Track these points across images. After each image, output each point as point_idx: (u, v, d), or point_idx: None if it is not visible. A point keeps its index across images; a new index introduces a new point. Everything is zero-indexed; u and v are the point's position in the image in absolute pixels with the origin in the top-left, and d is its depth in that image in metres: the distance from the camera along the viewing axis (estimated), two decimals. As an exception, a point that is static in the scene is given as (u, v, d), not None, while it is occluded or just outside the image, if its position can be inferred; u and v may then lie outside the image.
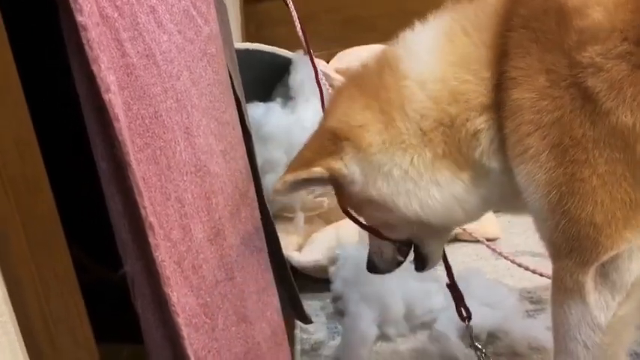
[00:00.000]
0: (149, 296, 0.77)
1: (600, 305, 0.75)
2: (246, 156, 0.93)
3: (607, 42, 0.69)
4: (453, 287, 1.04)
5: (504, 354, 1.15)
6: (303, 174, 0.83)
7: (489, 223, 1.65)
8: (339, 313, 1.33)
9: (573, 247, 0.75)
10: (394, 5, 2.09)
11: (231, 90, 0.91)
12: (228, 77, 0.90)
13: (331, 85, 1.54)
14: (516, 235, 1.60)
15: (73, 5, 0.60)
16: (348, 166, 0.83)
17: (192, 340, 0.82)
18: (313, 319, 1.33)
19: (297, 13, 1.44)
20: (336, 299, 1.35)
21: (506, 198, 0.84)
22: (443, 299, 1.25)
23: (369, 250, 1.02)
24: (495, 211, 1.66)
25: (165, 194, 0.78)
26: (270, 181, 1.43)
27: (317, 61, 1.61)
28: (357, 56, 1.62)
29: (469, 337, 1.05)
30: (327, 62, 1.74)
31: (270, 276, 0.98)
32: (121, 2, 0.70)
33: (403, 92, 0.80)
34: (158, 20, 0.75)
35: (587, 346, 0.76)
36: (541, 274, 1.31)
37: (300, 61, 1.47)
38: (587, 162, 0.72)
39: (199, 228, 0.82)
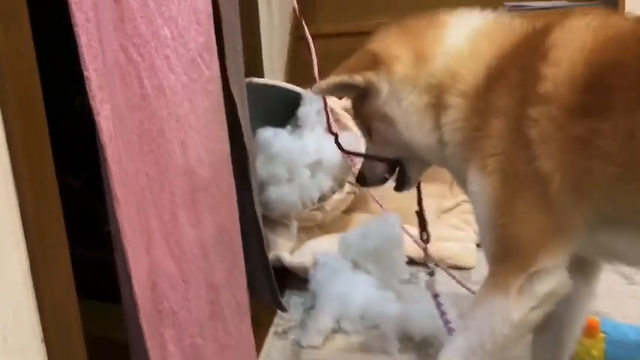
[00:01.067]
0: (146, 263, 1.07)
1: (518, 306, 0.91)
2: (231, 167, 1.22)
3: (549, 106, 0.87)
4: (419, 213, 1.26)
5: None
6: (346, 78, 1.03)
7: (467, 253, 1.86)
8: (313, 307, 1.59)
9: (506, 257, 0.93)
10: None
11: (224, 116, 1.21)
12: (223, 109, 1.20)
13: (336, 120, 1.82)
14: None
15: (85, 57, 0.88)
16: (380, 82, 1.02)
17: (169, 297, 1.12)
18: (292, 310, 1.60)
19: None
20: (312, 296, 1.61)
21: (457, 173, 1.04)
22: (395, 307, 1.49)
23: (362, 166, 1.23)
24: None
25: (161, 186, 1.08)
26: (274, 192, 1.74)
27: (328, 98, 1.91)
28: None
29: (425, 257, 1.26)
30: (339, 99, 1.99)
31: (240, 260, 1.26)
32: (144, 50, 1.02)
33: (433, 51, 1.00)
34: (169, 64, 1.06)
35: (494, 333, 0.92)
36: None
37: (307, 97, 1.77)
38: (519, 190, 0.91)
39: (184, 214, 1.12)
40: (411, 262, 1.83)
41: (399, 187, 1.20)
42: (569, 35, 0.86)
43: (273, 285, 1.56)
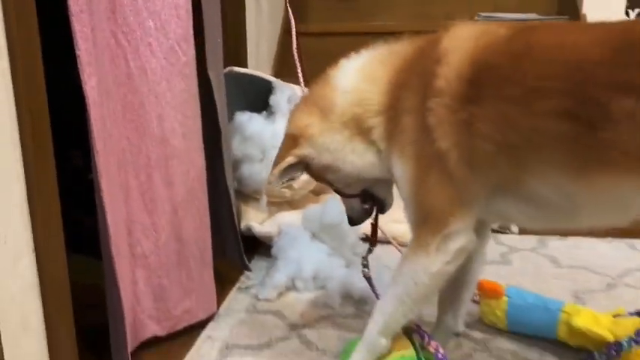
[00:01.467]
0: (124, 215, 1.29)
1: (436, 261, 1.10)
2: (201, 139, 1.44)
3: (443, 97, 1.06)
4: (374, 225, 1.43)
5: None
6: (282, 165, 1.25)
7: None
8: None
9: (425, 222, 1.12)
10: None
11: (198, 99, 1.43)
12: (197, 90, 1.42)
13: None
14: None
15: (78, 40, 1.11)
16: (305, 150, 1.23)
17: (142, 243, 1.35)
18: (257, 272, 1.82)
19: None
20: (274, 260, 1.83)
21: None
22: (342, 271, 1.71)
23: (345, 209, 1.41)
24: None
25: (139, 150, 1.31)
26: (247, 169, 1.96)
27: (301, 88, 2.14)
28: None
29: (365, 258, 1.42)
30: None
31: (206, 221, 1.48)
32: (131, 37, 1.24)
33: (333, 100, 1.21)
34: (152, 50, 1.28)
35: (417, 284, 1.12)
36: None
37: (278, 85, 1.99)
38: (428, 169, 1.10)
39: (158, 176, 1.35)
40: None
41: (380, 211, 1.40)
42: (457, 41, 1.08)
43: (240, 249, 1.79)
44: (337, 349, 1.37)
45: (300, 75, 2.15)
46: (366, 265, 1.41)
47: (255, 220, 1.97)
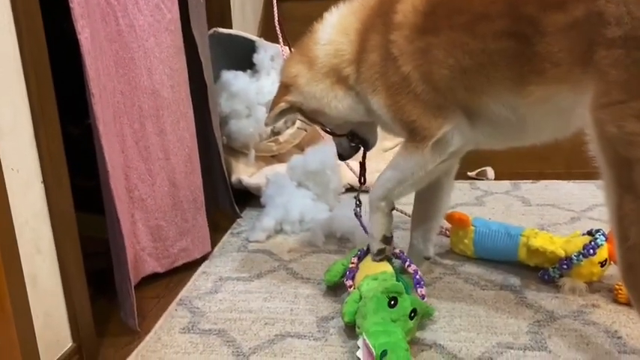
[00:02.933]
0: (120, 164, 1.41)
1: (432, 159, 1.26)
2: (188, 91, 1.56)
3: (402, 30, 1.21)
4: (362, 163, 1.56)
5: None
6: (276, 110, 1.40)
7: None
8: (266, 217, 1.95)
9: (414, 134, 1.25)
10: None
11: (184, 53, 1.54)
12: (182, 45, 1.54)
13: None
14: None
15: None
16: (295, 97, 1.39)
17: (139, 187, 1.48)
18: (249, 220, 1.96)
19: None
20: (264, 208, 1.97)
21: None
22: (326, 215, 1.85)
23: (335, 147, 1.56)
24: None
25: (132, 102, 1.43)
26: (234, 125, 2.08)
27: (284, 47, 2.24)
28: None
29: (357, 195, 1.54)
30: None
31: (197, 167, 1.61)
32: (119, -3, 1.36)
33: (315, 52, 1.34)
34: (139, 8, 1.39)
35: (413, 174, 1.29)
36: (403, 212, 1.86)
37: (262, 45, 2.10)
38: (399, 93, 1.23)
39: (150, 125, 1.47)
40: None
41: (365, 148, 1.53)
42: None
43: (231, 198, 1.93)
44: (320, 278, 1.52)
45: (280, 38, 2.24)
46: (358, 205, 1.53)
47: (244, 173, 2.10)
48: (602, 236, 1.38)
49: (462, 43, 1.14)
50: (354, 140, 1.50)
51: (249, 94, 2.02)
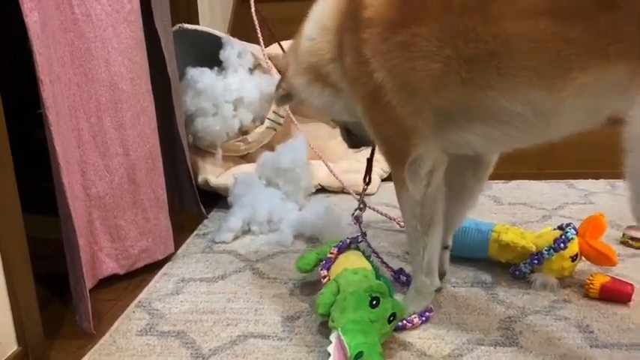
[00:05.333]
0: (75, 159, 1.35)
1: (414, 189, 1.13)
2: (149, 85, 1.50)
3: (374, 26, 1.05)
4: (369, 161, 1.44)
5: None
6: (276, 95, 1.38)
7: (371, 184, 2.18)
8: (230, 216, 1.90)
9: (390, 156, 1.16)
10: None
11: (145, 46, 1.49)
12: (143, 37, 1.48)
13: (258, 64, 2.12)
14: (383, 195, 2.15)
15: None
16: (287, 85, 1.32)
17: (96, 184, 1.41)
18: (217, 221, 1.90)
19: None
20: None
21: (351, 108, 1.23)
22: (295, 215, 1.80)
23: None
24: (384, 179, 2.22)
25: (89, 95, 1.37)
26: (200, 123, 2.02)
27: (251, 45, 2.20)
28: (284, 46, 2.18)
29: (361, 197, 1.44)
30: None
31: (159, 164, 1.54)
32: (74, -16, 1.30)
33: (300, 46, 1.24)
34: (95, -4, 1.34)
35: (414, 215, 1.17)
36: (390, 218, 1.83)
37: (228, 42, 2.05)
38: (375, 103, 1.10)
39: (108, 119, 1.40)
40: (322, 189, 2.16)
41: (364, 144, 1.40)
42: None
43: (197, 198, 1.86)
44: (287, 277, 1.47)
45: (260, 38, 2.18)
46: (361, 208, 1.43)
47: (211, 173, 2.04)
48: (572, 230, 1.36)
49: (466, 29, 0.96)
50: (349, 135, 1.40)
51: (215, 92, 1.96)
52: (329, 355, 1.05)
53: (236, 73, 2.02)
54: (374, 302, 1.10)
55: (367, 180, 1.46)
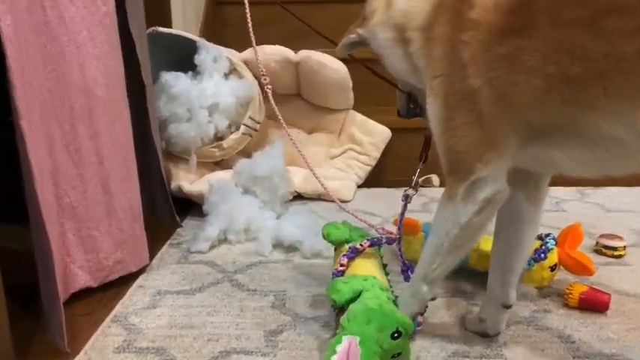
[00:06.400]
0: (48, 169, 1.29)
1: (464, 210, 1.04)
2: (125, 91, 1.45)
3: (478, 30, 0.98)
4: (426, 138, 1.31)
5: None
6: (345, 40, 1.28)
7: (346, 190, 2.18)
8: (206, 224, 1.85)
9: (453, 168, 1.06)
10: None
11: (120, 50, 1.44)
12: (119, 41, 1.43)
13: (233, 69, 2.08)
14: (359, 202, 2.15)
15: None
16: (366, 32, 1.23)
17: (69, 194, 1.36)
18: (190, 230, 1.85)
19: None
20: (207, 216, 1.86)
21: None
22: (273, 223, 1.77)
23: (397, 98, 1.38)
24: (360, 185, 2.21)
25: (62, 101, 1.31)
26: (174, 128, 1.97)
27: (227, 49, 2.16)
28: (262, 51, 2.15)
29: (416, 177, 1.33)
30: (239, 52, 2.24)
31: (134, 173, 1.49)
32: (47, -15, 1.24)
33: (395, 6, 1.16)
34: (70, -1, 1.29)
35: (448, 234, 1.07)
36: (370, 225, 1.80)
37: (204, 46, 2.01)
38: (456, 107, 1.02)
39: (83, 126, 1.35)
40: (298, 196, 2.14)
41: (405, 113, 1.35)
42: None
43: (171, 205, 1.82)
44: (268, 289, 1.44)
45: (252, 39, 2.12)
46: (413, 187, 1.34)
47: (185, 180, 2.00)
48: (552, 240, 1.38)
49: (574, 45, 0.90)
50: (412, 103, 1.33)
51: (190, 97, 1.92)
52: (333, 351, 1.01)
53: (211, 78, 1.98)
54: (396, 335, 1.06)
55: (424, 158, 1.36)
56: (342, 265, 1.28)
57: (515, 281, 1.22)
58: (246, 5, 2.03)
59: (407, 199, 1.35)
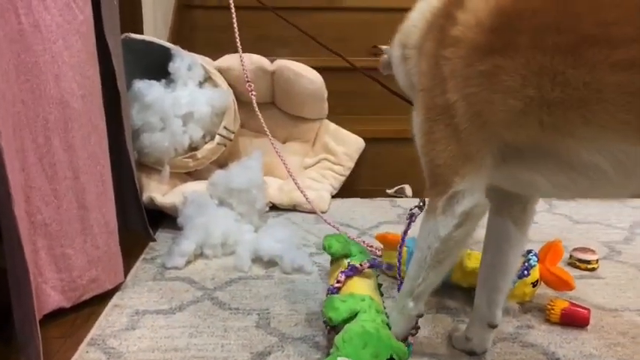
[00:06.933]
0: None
1: (443, 224, 1.04)
2: (101, 102, 1.39)
3: (458, 47, 0.99)
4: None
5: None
6: (382, 58, 1.34)
7: (321, 200, 2.16)
8: (180, 238, 1.80)
9: (433, 181, 1.07)
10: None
11: (97, 60, 1.38)
12: (95, 50, 1.37)
13: (209, 77, 2.03)
14: (335, 213, 2.15)
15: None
16: (386, 49, 1.29)
17: (42, 210, 1.29)
18: (164, 244, 1.79)
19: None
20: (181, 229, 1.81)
21: None
22: (251, 237, 1.74)
23: None
24: (334, 196, 2.20)
25: (36, 113, 1.24)
26: (147, 138, 1.91)
27: (201, 57, 2.11)
28: (236, 59, 2.12)
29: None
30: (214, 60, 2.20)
31: (109, 188, 1.43)
32: (22, -8, 1.17)
33: (405, 23, 1.19)
34: (45, 5, 1.22)
35: (429, 247, 1.07)
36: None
37: (178, 54, 1.95)
38: (435, 122, 1.03)
39: (57, 139, 1.28)
40: (274, 207, 2.11)
41: None
42: None
43: (144, 219, 1.75)
44: (250, 307, 1.40)
45: (239, 45, 2.06)
46: (420, 206, 1.30)
47: (157, 191, 1.94)
48: (534, 257, 1.40)
49: (555, 71, 0.89)
50: None
51: (164, 106, 1.86)
52: None
53: (185, 87, 1.93)
54: None
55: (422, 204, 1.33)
56: (338, 282, 1.27)
57: (502, 301, 1.23)
58: (233, 13, 2.00)
59: (412, 217, 1.34)
